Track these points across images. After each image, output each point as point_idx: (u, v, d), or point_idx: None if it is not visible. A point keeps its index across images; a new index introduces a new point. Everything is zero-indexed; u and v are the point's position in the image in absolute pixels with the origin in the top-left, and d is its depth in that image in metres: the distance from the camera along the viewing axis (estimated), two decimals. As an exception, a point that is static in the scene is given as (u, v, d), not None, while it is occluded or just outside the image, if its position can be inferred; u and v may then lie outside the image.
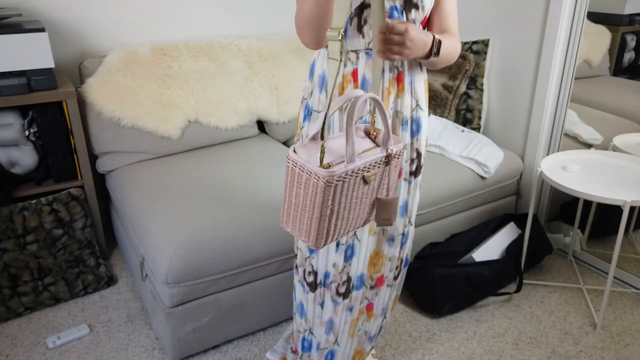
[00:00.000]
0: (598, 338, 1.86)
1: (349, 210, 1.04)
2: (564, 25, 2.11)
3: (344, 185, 0.99)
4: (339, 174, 0.97)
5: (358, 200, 1.05)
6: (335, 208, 1.00)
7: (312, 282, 1.35)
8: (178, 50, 2.29)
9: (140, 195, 1.90)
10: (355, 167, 1.00)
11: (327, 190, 0.97)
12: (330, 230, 1.03)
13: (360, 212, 1.07)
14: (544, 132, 2.29)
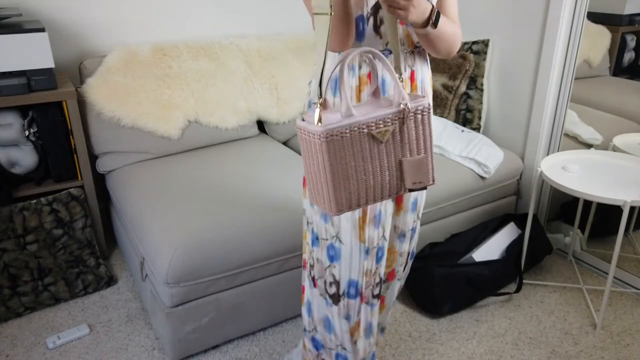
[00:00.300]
0: (598, 338, 1.86)
1: (365, 172, 1.01)
2: (564, 25, 2.11)
3: (347, 142, 0.98)
4: (334, 128, 0.96)
5: (375, 161, 1.01)
6: (344, 168, 0.99)
7: (335, 294, 1.30)
8: (178, 50, 2.29)
9: (140, 195, 1.90)
10: (356, 122, 0.98)
11: (327, 147, 0.96)
12: (349, 194, 1.01)
13: (385, 177, 1.03)
14: (544, 132, 2.29)
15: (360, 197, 1.02)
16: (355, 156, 0.99)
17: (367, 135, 0.99)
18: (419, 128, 1.04)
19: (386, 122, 1.00)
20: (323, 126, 0.96)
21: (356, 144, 0.99)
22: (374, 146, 1.00)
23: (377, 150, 1.01)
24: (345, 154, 0.98)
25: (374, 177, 1.02)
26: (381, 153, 1.02)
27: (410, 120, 1.02)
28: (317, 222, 1.26)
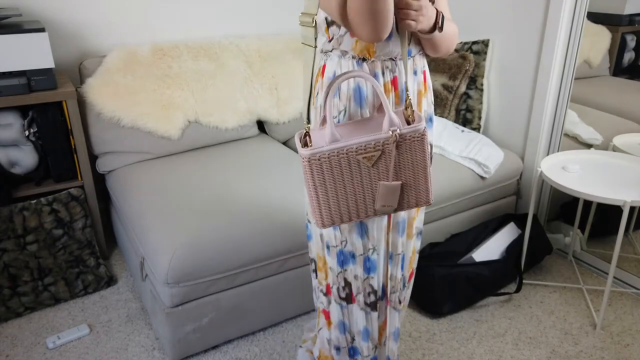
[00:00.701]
0: (598, 338, 1.86)
1: (353, 192, 1.05)
2: (564, 26, 2.11)
3: (332, 165, 1.02)
4: (319, 152, 1.02)
5: (364, 183, 1.04)
6: (330, 187, 1.04)
7: (348, 295, 1.31)
8: (178, 50, 2.29)
9: (140, 195, 1.90)
10: (341, 147, 1.02)
11: (311, 169, 1.03)
12: (334, 212, 1.06)
13: (365, 196, 1.07)
14: (544, 132, 2.29)
15: (343, 214, 1.07)
16: (342, 178, 1.04)
17: (352, 159, 1.03)
18: (409, 154, 1.04)
19: (375, 147, 1.03)
20: (308, 150, 1.02)
21: (344, 166, 1.03)
22: (360, 168, 1.04)
23: (364, 172, 1.05)
24: (330, 175, 1.03)
25: (360, 197, 1.06)
26: (368, 175, 1.05)
27: (403, 146, 1.04)
28: (352, 241, 1.24)
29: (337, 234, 1.24)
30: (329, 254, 1.28)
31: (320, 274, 1.34)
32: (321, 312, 1.39)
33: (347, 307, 1.33)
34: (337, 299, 1.32)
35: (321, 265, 1.31)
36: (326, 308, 1.36)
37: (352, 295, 1.31)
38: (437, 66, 2.52)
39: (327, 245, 1.27)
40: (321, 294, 1.36)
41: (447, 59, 2.49)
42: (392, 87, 1.17)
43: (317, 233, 1.29)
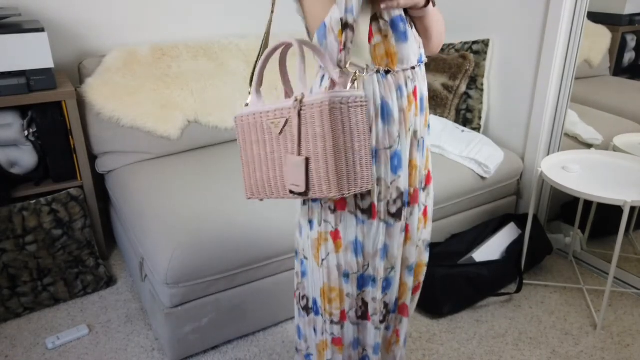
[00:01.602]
0: (598, 338, 1.85)
1: (266, 163, 1.04)
2: (564, 25, 2.11)
3: (250, 128, 1.05)
4: (241, 114, 1.06)
5: (275, 154, 1.02)
6: (248, 153, 1.06)
7: (364, 313, 1.26)
8: (177, 50, 2.29)
9: (139, 195, 1.90)
10: (257, 111, 1.03)
11: (237, 130, 1.08)
12: (252, 181, 1.07)
13: (275, 171, 1.03)
14: (544, 132, 2.28)
15: (261, 187, 1.06)
16: (256, 142, 1.05)
17: (265, 124, 1.02)
18: (311, 125, 0.93)
19: (282, 113, 0.98)
20: (238, 111, 1.10)
21: (259, 131, 1.03)
22: (271, 136, 1.02)
23: (274, 141, 1.02)
24: (248, 138, 1.06)
25: (272, 170, 1.03)
26: (278, 145, 1.01)
27: (305, 115, 0.94)
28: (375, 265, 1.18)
29: (360, 260, 1.16)
30: (347, 282, 1.19)
31: (332, 306, 1.22)
32: (330, 345, 1.29)
33: (362, 324, 1.29)
34: (354, 320, 1.26)
35: (334, 296, 1.21)
36: (337, 336, 1.28)
37: (367, 314, 1.26)
38: (438, 66, 2.52)
39: (346, 273, 1.18)
40: (330, 325, 1.25)
41: (447, 59, 2.49)
42: (413, 98, 1.10)
43: (330, 265, 1.17)
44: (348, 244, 1.14)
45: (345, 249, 1.14)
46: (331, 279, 1.18)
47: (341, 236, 1.13)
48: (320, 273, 1.18)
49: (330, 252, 1.15)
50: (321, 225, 1.13)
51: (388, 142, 1.07)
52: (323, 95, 0.91)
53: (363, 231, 1.13)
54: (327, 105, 0.90)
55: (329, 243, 1.14)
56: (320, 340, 1.30)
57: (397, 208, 1.14)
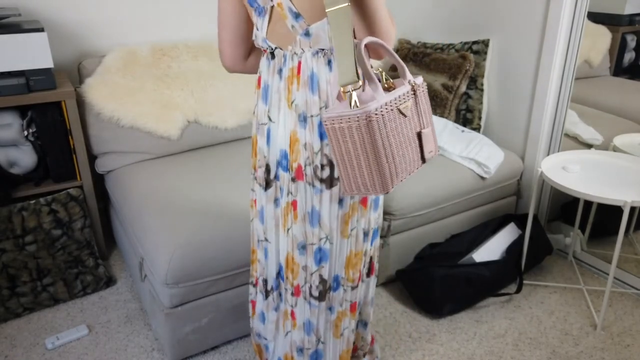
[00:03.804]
0: (598, 339, 1.85)
1: (402, 147, 1.07)
2: (564, 25, 2.11)
3: (385, 120, 1.03)
4: (374, 107, 1.01)
5: (405, 136, 1.08)
6: (387, 145, 1.03)
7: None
8: (177, 50, 2.29)
9: (139, 195, 1.90)
10: (388, 100, 1.03)
11: (370, 127, 1.01)
12: (392, 170, 1.05)
13: (412, 150, 1.10)
14: (544, 132, 2.28)
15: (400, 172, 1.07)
16: (394, 133, 1.05)
17: (397, 111, 1.05)
18: (425, 101, 1.14)
19: (406, 98, 1.08)
20: (362, 107, 1.00)
21: (393, 120, 1.04)
22: (404, 121, 1.08)
23: (405, 125, 1.08)
24: (386, 130, 1.03)
25: (408, 152, 1.09)
26: (408, 127, 1.09)
27: (418, 93, 1.11)
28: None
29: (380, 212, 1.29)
30: (366, 240, 1.30)
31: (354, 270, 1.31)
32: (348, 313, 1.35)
33: (367, 280, 1.38)
34: (364, 277, 1.36)
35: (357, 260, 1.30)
36: (354, 300, 1.35)
37: (372, 269, 1.37)
38: (437, 66, 2.52)
39: (366, 232, 1.28)
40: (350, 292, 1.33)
41: (447, 59, 2.49)
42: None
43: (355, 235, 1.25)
44: (371, 202, 1.26)
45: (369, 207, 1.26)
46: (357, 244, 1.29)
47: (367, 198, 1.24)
48: (347, 244, 1.26)
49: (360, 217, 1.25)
50: (352, 199, 1.21)
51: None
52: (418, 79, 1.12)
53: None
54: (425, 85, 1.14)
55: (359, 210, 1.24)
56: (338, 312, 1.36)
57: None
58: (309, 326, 1.35)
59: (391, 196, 1.97)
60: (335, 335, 1.37)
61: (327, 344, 1.38)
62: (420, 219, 2.07)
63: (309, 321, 1.34)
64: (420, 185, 2.04)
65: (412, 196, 2.00)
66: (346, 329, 1.38)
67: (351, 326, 1.38)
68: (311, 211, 1.22)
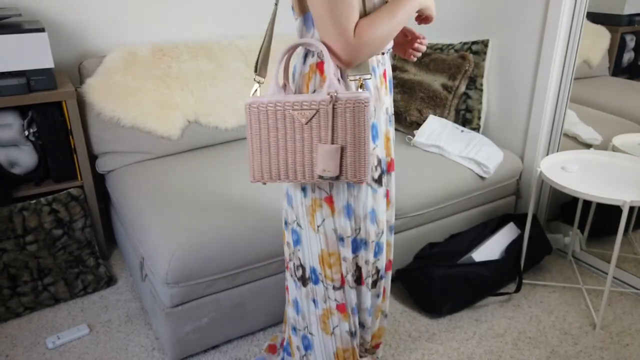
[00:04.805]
0: (597, 338, 1.86)
1: (285, 149, 1.12)
2: (564, 26, 2.11)
3: (268, 116, 1.11)
4: (259, 101, 1.11)
5: (297, 141, 1.11)
6: (256, 139, 1.13)
7: (359, 278, 1.35)
8: (178, 51, 2.29)
9: (140, 195, 1.90)
10: (279, 100, 1.10)
11: (250, 117, 1.12)
12: (265, 165, 1.14)
13: (302, 157, 1.12)
14: (543, 132, 2.29)
15: (275, 171, 1.14)
16: (276, 131, 1.11)
17: (287, 113, 1.10)
18: (349, 119, 1.09)
19: (310, 105, 1.09)
20: (251, 98, 1.12)
21: (279, 120, 1.11)
22: (294, 125, 1.11)
23: (297, 129, 1.11)
24: (265, 126, 1.12)
25: (291, 155, 1.12)
26: (302, 133, 1.11)
27: (338, 110, 1.08)
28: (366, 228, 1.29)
29: (352, 224, 1.26)
30: (343, 245, 1.28)
31: (332, 270, 1.31)
32: (334, 312, 1.36)
33: (358, 288, 1.38)
34: (352, 284, 1.35)
35: (333, 261, 1.30)
36: (341, 302, 1.35)
37: (362, 278, 1.36)
38: (437, 66, 2.52)
39: (341, 237, 1.27)
40: (333, 291, 1.33)
41: (446, 59, 2.49)
42: (383, 80, 1.24)
43: (326, 230, 1.26)
44: (341, 209, 1.24)
45: (338, 213, 1.24)
46: (329, 244, 1.27)
47: (334, 201, 1.23)
48: (317, 239, 1.27)
49: (326, 217, 1.25)
50: (315, 192, 1.23)
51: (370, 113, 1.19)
52: (355, 94, 1.08)
53: (353, 195, 1.23)
54: (362, 103, 1.07)
55: (324, 208, 1.24)
56: (323, 309, 1.36)
57: (378, 174, 1.27)
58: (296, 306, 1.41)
59: (391, 196, 1.98)
60: (324, 331, 1.39)
61: (316, 337, 1.40)
62: (419, 218, 2.08)
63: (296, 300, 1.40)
64: (420, 185, 2.04)
65: (411, 196, 2.01)
66: (336, 327, 1.38)
67: (344, 327, 1.38)
68: (286, 191, 1.30)
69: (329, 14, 1.05)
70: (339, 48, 1.08)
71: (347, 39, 1.06)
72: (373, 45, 1.09)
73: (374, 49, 1.10)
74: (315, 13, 1.07)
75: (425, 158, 2.23)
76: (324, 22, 1.06)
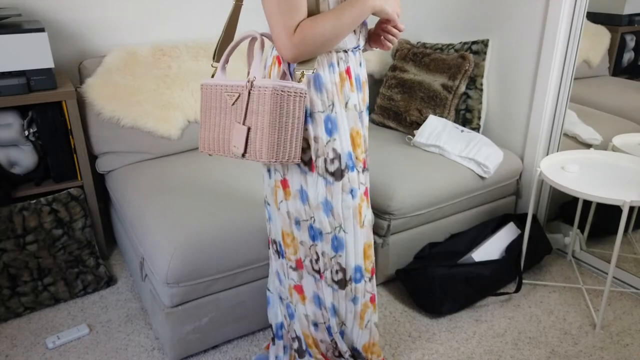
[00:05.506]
0: (597, 338, 1.86)
1: (219, 125, 1.25)
2: (564, 26, 2.11)
3: (211, 96, 1.26)
4: (206, 83, 1.28)
5: (226, 119, 1.24)
6: (206, 115, 1.28)
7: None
8: (178, 51, 2.29)
9: (140, 195, 1.90)
10: (217, 83, 1.25)
11: (201, 95, 1.30)
12: (208, 138, 1.28)
13: (226, 134, 1.24)
14: (543, 132, 2.29)
15: (211, 144, 1.27)
16: (213, 107, 1.26)
17: (222, 94, 1.24)
18: (257, 104, 1.17)
19: (235, 89, 1.21)
20: (202, 80, 1.31)
21: (215, 98, 1.25)
22: (225, 105, 1.24)
23: (227, 109, 1.23)
24: (207, 103, 1.28)
25: (221, 130, 1.25)
26: (229, 113, 1.23)
27: (254, 94, 1.17)
28: (319, 218, 1.32)
29: (307, 209, 1.32)
30: (299, 229, 1.35)
31: (288, 250, 1.39)
32: (293, 289, 1.44)
33: (320, 281, 1.40)
34: (310, 271, 1.39)
35: (289, 241, 1.38)
36: (297, 283, 1.42)
37: (320, 271, 1.39)
38: (437, 66, 2.52)
39: (297, 220, 1.34)
40: (291, 270, 1.41)
41: (446, 59, 2.49)
42: (346, 76, 1.27)
43: (282, 211, 1.35)
44: (295, 192, 1.31)
45: (293, 197, 1.32)
46: (285, 224, 1.37)
47: (289, 184, 1.31)
48: (280, 217, 1.37)
49: (282, 199, 1.34)
50: (275, 174, 1.33)
51: (321, 107, 1.24)
52: (270, 82, 1.14)
53: (306, 181, 1.29)
54: (270, 91, 1.14)
55: (279, 191, 1.33)
56: (288, 284, 1.45)
57: (335, 168, 1.28)
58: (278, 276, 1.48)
59: (391, 195, 1.98)
60: (294, 305, 1.45)
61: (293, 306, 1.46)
62: (419, 218, 2.08)
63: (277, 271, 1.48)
64: (420, 185, 2.04)
65: (411, 196, 2.01)
66: (296, 306, 1.45)
67: (301, 309, 1.44)
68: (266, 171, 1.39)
69: (275, 11, 1.12)
70: (281, 44, 1.14)
71: (287, 35, 1.12)
72: (314, 42, 1.13)
73: (316, 46, 1.14)
74: (265, 9, 1.14)
75: (425, 158, 2.23)
76: (270, 18, 1.14)
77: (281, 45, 1.14)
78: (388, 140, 2.45)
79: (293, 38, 1.12)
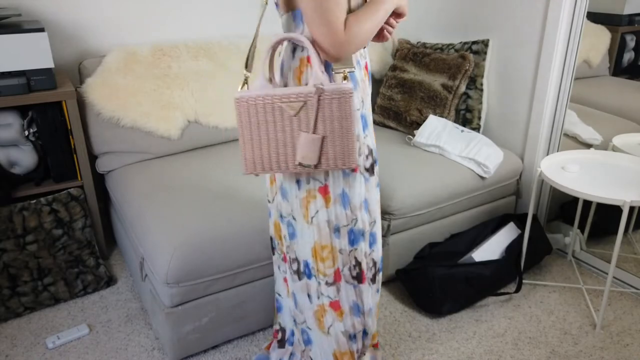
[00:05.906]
0: (598, 338, 1.86)
1: (275, 140, 1.16)
2: (564, 25, 2.11)
3: (258, 109, 1.15)
4: (247, 96, 1.15)
5: (286, 131, 1.15)
6: (254, 132, 1.16)
7: (359, 274, 1.34)
8: (178, 50, 2.29)
9: (140, 195, 1.90)
10: (267, 94, 1.13)
11: (239, 111, 1.16)
12: (257, 157, 1.17)
13: (292, 148, 1.16)
14: (543, 132, 2.29)
15: (265, 162, 1.18)
16: (266, 123, 1.15)
17: (276, 106, 1.14)
18: (332, 110, 1.13)
19: (298, 97, 1.13)
20: (239, 93, 1.15)
21: (268, 112, 1.15)
22: (282, 116, 1.14)
23: (286, 120, 1.15)
24: (256, 119, 1.16)
25: (279, 144, 1.16)
26: (290, 124, 1.15)
27: (323, 100, 1.13)
28: (361, 217, 1.30)
29: (348, 213, 1.27)
30: (338, 236, 1.29)
31: (324, 265, 1.31)
32: (327, 309, 1.35)
33: (358, 287, 1.35)
34: (349, 279, 1.34)
35: (325, 254, 1.30)
36: (334, 299, 1.34)
37: (362, 274, 1.34)
38: (437, 66, 2.52)
39: (337, 227, 1.28)
40: (326, 287, 1.33)
41: (446, 59, 2.49)
42: (366, 72, 1.27)
43: (320, 221, 1.27)
44: (336, 197, 1.26)
45: (334, 202, 1.26)
46: (322, 236, 1.28)
47: (329, 190, 1.25)
48: (310, 231, 1.29)
49: (320, 208, 1.26)
50: (309, 183, 1.25)
51: (358, 104, 1.23)
52: (337, 85, 1.12)
53: (348, 183, 1.25)
54: (347, 94, 1.12)
55: (318, 199, 1.25)
56: (317, 305, 1.36)
57: (369, 163, 1.29)
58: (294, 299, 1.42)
59: (391, 196, 1.98)
60: (320, 328, 1.38)
61: (313, 332, 1.40)
62: (419, 218, 2.08)
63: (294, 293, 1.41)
64: (420, 185, 2.04)
65: (411, 196, 2.01)
66: (331, 326, 1.36)
67: (338, 327, 1.36)
68: (280, 184, 1.32)
69: (319, 12, 1.07)
70: (329, 44, 1.10)
71: (337, 34, 1.09)
72: (360, 40, 1.12)
73: (360, 43, 1.13)
74: (306, 10, 1.10)
75: (425, 158, 2.23)
76: (314, 19, 1.09)
77: (330, 44, 1.10)
78: (388, 140, 2.45)
79: (344, 36, 1.10)
